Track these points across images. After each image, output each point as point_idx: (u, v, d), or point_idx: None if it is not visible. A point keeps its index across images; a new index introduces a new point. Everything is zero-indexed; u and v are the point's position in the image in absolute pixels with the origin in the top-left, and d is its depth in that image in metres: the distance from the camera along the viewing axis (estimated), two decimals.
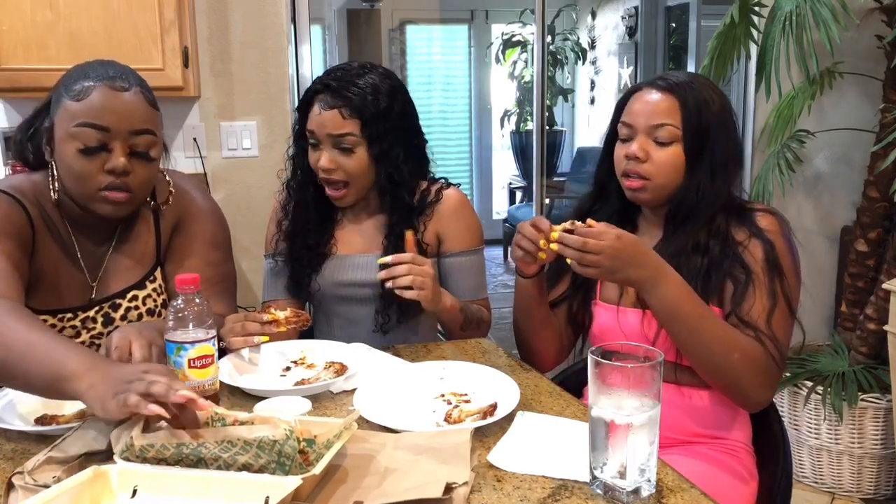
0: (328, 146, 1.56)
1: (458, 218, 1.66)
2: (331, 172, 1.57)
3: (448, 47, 6.64)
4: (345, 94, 1.53)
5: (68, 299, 1.41)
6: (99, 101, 1.29)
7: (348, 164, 1.56)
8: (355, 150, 1.55)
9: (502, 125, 6.64)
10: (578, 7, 6.41)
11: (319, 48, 4.90)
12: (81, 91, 1.30)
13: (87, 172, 1.31)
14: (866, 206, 2.76)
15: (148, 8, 2.20)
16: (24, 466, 0.96)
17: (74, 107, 1.29)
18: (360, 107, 1.53)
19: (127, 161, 1.32)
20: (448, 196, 1.66)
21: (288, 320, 1.40)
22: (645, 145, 1.38)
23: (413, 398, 1.24)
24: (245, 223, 2.67)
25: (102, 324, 1.42)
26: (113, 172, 1.31)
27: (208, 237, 1.52)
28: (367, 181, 1.60)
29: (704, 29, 4.86)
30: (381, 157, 1.57)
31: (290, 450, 0.92)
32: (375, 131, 1.54)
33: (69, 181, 1.34)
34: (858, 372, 2.62)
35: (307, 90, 1.59)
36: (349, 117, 1.53)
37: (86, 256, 1.44)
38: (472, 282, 1.67)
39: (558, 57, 6.32)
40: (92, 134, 1.29)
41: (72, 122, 1.29)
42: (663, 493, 0.96)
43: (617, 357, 0.94)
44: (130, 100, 1.32)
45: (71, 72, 1.36)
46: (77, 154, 1.30)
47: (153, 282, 1.48)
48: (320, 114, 1.55)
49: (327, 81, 1.56)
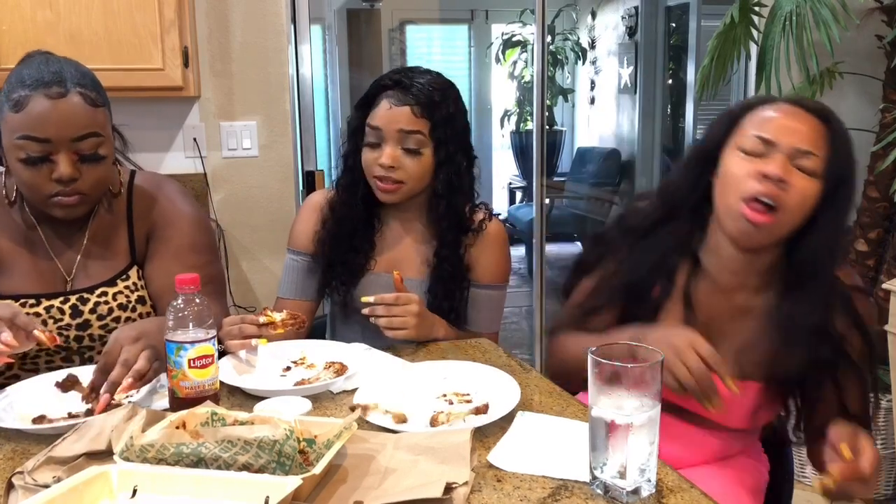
0: (393, 143, 1.52)
1: (493, 252, 1.64)
2: (391, 171, 1.52)
3: (448, 47, 6.65)
4: (415, 93, 1.51)
5: (31, 286, 1.42)
6: (36, 112, 1.27)
7: (411, 163, 1.53)
8: (421, 151, 1.53)
9: (502, 125, 6.64)
10: (578, 7, 6.41)
11: (319, 48, 4.89)
12: (19, 101, 1.28)
13: (35, 182, 1.31)
14: (866, 206, 2.76)
15: (148, 8, 2.20)
16: (24, 466, 0.96)
17: (14, 118, 1.29)
18: (431, 107, 1.52)
19: (73, 169, 1.31)
20: (491, 228, 1.64)
21: (284, 322, 1.40)
22: (786, 167, 1.15)
23: (414, 398, 1.24)
24: (245, 223, 2.68)
25: (70, 315, 1.42)
26: (60, 182, 1.31)
27: (186, 242, 1.50)
28: (421, 184, 1.57)
29: (704, 29, 4.86)
30: (446, 162, 1.55)
31: (290, 450, 0.92)
32: (443, 135, 1.53)
33: (21, 187, 1.36)
34: None
35: (374, 85, 1.56)
36: (420, 116, 1.51)
37: (55, 248, 1.44)
38: (487, 315, 1.66)
39: (558, 57, 6.32)
40: (33, 146, 1.29)
41: (13, 134, 1.29)
42: (663, 493, 0.96)
43: (617, 357, 0.94)
44: (68, 107, 1.29)
45: (12, 73, 1.33)
46: (22, 165, 1.30)
47: (126, 280, 1.47)
48: (391, 108, 1.51)
49: (398, 78, 1.54)
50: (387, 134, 1.52)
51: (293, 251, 1.67)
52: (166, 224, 1.50)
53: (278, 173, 2.68)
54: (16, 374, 1.40)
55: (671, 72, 5.69)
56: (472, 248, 1.62)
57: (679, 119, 5.59)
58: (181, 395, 1.15)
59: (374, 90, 1.56)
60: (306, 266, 1.66)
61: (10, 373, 1.40)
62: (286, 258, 1.69)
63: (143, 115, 2.47)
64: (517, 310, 4.95)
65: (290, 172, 2.69)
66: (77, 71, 1.34)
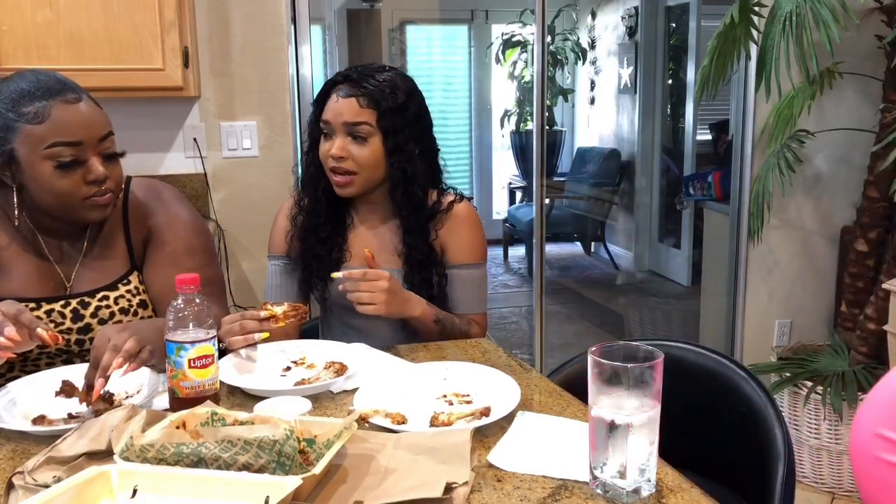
0: (342, 134, 1.56)
1: (464, 231, 1.66)
2: (341, 161, 1.56)
3: (448, 47, 6.64)
4: (363, 85, 1.55)
5: (31, 290, 1.42)
6: (63, 119, 1.32)
7: (360, 153, 1.56)
8: (369, 140, 1.56)
9: (502, 125, 6.64)
10: (578, 7, 6.41)
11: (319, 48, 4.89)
12: (39, 112, 1.31)
13: (69, 188, 1.34)
14: (866, 206, 2.76)
15: (148, 8, 2.20)
16: (24, 466, 0.96)
17: (38, 130, 1.31)
18: (377, 98, 1.54)
19: (104, 168, 1.36)
20: (459, 208, 1.66)
21: (286, 315, 1.40)
22: None
23: (414, 398, 1.24)
24: (245, 223, 2.68)
25: (71, 319, 1.43)
26: (96, 182, 1.35)
27: (182, 246, 1.52)
28: (375, 174, 1.59)
29: (704, 29, 4.87)
30: (395, 151, 1.57)
31: (290, 450, 0.92)
32: (391, 124, 1.55)
33: (49, 198, 1.36)
34: (858, 372, 2.62)
35: (326, 82, 1.60)
36: (366, 107, 1.54)
37: (54, 253, 1.45)
38: (467, 295, 1.67)
39: (558, 57, 6.32)
40: (66, 151, 1.32)
41: (40, 144, 1.31)
42: (663, 493, 0.96)
43: (617, 357, 0.94)
44: (87, 109, 1.35)
45: (7, 95, 1.33)
46: (55, 173, 1.33)
47: (127, 284, 1.48)
48: (337, 101, 1.56)
49: (347, 73, 1.58)
50: (335, 126, 1.56)
51: (272, 256, 1.72)
52: (162, 229, 1.52)
53: (278, 173, 2.68)
54: (16, 375, 1.40)
55: (671, 72, 5.69)
56: (442, 230, 1.65)
57: (679, 119, 5.59)
58: (181, 395, 1.15)
59: (325, 86, 1.60)
60: (285, 268, 1.69)
61: (11, 374, 1.40)
62: (268, 266, 1.72)
63: (143, 116, 2.48)
64: (517, 310, 4.95)
65: (290, 172, 2.70)
66: (73, 81, 1.39)
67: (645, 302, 5.34)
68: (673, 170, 5.55)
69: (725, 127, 4.93)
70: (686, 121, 5.37)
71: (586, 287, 5.67)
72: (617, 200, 5.98)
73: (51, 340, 1.19)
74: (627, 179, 5.90)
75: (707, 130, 5.31)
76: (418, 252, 1.62)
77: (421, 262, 1.62)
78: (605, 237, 6.16)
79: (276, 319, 1.39)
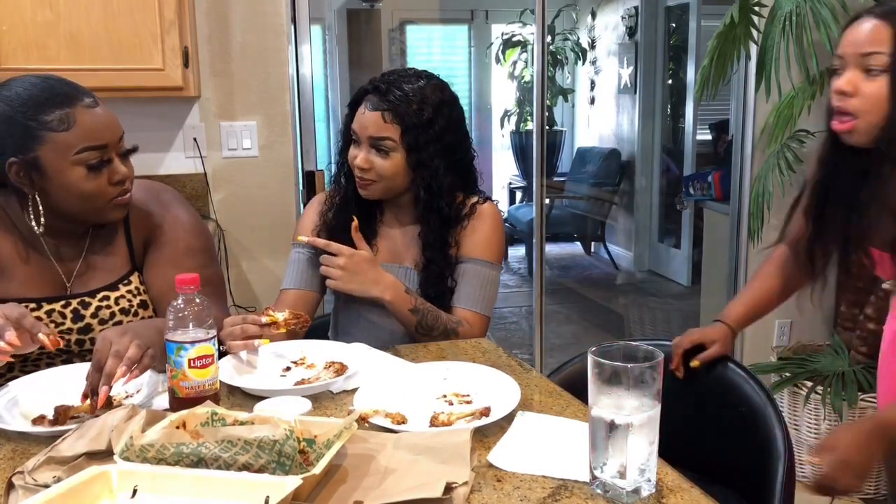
0: (366, 146, 1.57)
1: (483, 228, 1.65)
2: (364, 172, 1.58)
3: (448, 47, 6.65)
4: (390, 99, 1.55)
5: (31, 290, 1.42)
6: (88, 123, 1.35)
7: (382, 165, 1.57)
8: (391, 154, 1.56)
9: (502, 125, 6.65)
10: (578, 7, 6.41)
11: (319, 48, 4.90)
12: (64, 119, 1.32)
13: (98, 189, 1.37)
14: None
15: (148, 8, 2.20)
16: (24, 466, 0.96)
17: (65, 136, 1.32)
18: (402, 113, 1.54)
19: (126, 167, 1.40)
20: (482, 208, 1.67)
21: (287, 322, 1.40)
22: None
23: (414, 398, 1.24)
24: (245, 223, 2.68)
25: (72, 320, 1.43)
26: (121, 182, 1.39)
27: (181, 247, 1.52)
28: (397, 183, 1.60)
29: (704, 29, 4.87)
30: (419, 167, 1.57)
31: (290, 450, 0.92)
32: (415, 140, 1.55)
33: (76, 201, 1.37)
34: (858, 372, 2.62)
35: (360, 88, 1.61)
36: (391, 122, 1.55)
37: (55, 254, 1.45)
38: (468, 290, 1.64)
39: (558, 57, 6.32)
40: (94, 154, 1.35)
41: (70, 151, 1.33)
42: (663, 493, 0.96)
43: (617, 357, 0.94)
44: (104, 112, 1.38)
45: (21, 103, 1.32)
46: (86, 176, 1.35)
47: (127, 284, 1.49)
48: (364, 114, 1.57)
49: (378, 83, 1.58)
50: (360, 137, 1.58)
51: (297, 244, 1.71)
52: (162, 230, 1.52)
53: (278, 173, 2.68)
54: (16, 375, 1.40)
55: (671, 72, 5.70)
56: (464, 230, 1.65)
57: (679, 119, 5.60)
58: (181, 395, 1.15)
59: (358, 93, 1.61)
60: (309, 257, 1.69)
61: (11, 374, 1.40)
62: (291, 253, 1.72)
63: (143, 116, 2.47)
64: (517, 310, 4.96)
65: (290, 172, 2.70)
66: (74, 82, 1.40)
67: (645, 302, 5.35)
68: (673, 170, 5.55)
69: (725, 127, 4.94)
70: (686, 121, 5.37)
71: (586, 287, 5.67)
72: (617, 200, 5.98)
73: (52, 346, 1.20)
74: (627, 179, 5.91)
75: (707, 130, 5.32)
76: (436, 265, 1.63)
77: (438, 274, 1.63)
78: (605, 237, 6.16)
79: (277, 326, 1.40)
